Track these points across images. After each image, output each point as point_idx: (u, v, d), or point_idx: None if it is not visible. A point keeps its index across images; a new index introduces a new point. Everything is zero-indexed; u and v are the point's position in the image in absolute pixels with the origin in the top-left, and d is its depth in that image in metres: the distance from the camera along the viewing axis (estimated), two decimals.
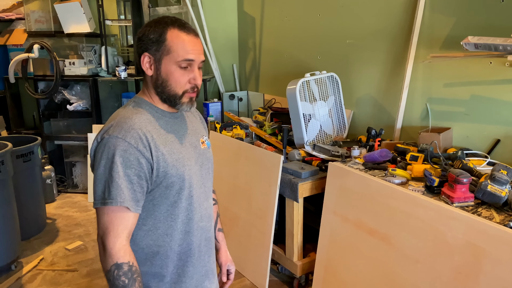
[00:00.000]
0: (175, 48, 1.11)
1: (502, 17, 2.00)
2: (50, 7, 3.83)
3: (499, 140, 2.10)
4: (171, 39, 1.11)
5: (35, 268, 2.77)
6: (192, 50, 1.12)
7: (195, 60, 1.13)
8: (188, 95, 1.16)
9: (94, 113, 3.91)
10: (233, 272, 1.45)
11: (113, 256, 1.03)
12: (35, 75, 3.92)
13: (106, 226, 1.04)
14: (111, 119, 1.12)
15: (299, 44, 3.32)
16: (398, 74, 2.56)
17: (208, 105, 3.61)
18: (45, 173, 3.75)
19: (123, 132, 1.07)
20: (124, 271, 1.03)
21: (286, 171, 2.33)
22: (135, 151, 1.06)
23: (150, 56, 1.13)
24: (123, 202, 1.04)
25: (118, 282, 1.02)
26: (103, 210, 1.05)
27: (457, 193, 1.62)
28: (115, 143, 1.05)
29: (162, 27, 1.12)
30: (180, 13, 3.77)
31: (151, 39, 1.12)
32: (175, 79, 1.13)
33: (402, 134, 2.56)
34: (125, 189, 1.04)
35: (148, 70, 1.15)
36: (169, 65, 1.12)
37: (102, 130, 1.11)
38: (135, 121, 1.10)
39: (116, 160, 1.04)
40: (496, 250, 1.40)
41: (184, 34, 1.12)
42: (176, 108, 1.18)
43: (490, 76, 2.10)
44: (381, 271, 1.82)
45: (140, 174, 1.07)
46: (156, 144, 1.10)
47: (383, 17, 2.61)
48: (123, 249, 1.04)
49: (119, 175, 1.04)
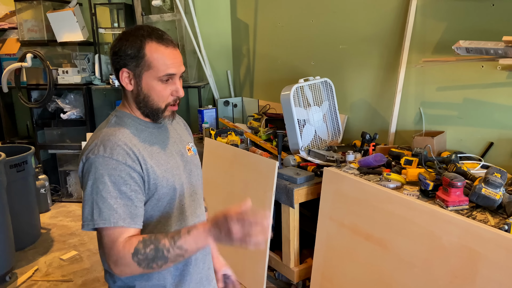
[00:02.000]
0: (155, 64, 1.08)
1: (493, 21, 2.02)
2: (43, 16, 3.82)
3: (492, 143, 2.11)
4: (150, 54, 1.08)
5: (30, 279, 2.74)
6: (173, 64, 1.10)
7: (176, 73, 1.11)
8: (171, 109, 1.15)
9: (88, 121, 3.89)
10: (231, 274, 1.42)
11: (126, 253, 0.99)
12: (28, 84, 3.91)
13: (110, 247, 1.01)
14: (94, 137, 1.09)
15: (292, 50, 3.34)
16: (391, 79, 2.57)
17: (202, 112, 3.61)
18: (39, 183, 3.72)
19: (109, 150, 1.04)
20: (141, 250, 0.99)
21: (281, 177, 2.32)
22: (125, 167, 1.04)
23: (129, 71, 1.10)
24: (117, 222, 1.01)
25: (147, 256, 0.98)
26: (102, 232, 1.02)
27: (452, 197, 1.63)
28: (102, 163, 1.03)
29: (139, 41, 1.08)
30: (173, 20, 3.78)
31: (129, 54, 1.08)
32: (157, 94, 1.11)
33: (396, 138, 2.57)
34: (121, 207, 1.02)
35: (128, 86, 1.12)
36: (150, 80, 1.10)
37: (86, 149, 1.08)
38: (119, 137, 1.07)
39: (106, 180, 1.02)
40: (491, 253, 1.40)
41: (163, 47, 1.09)
42: (158, 122, 1.16)
43: (482, 79, 2.11)
44: (377, 276, 1.81)
45: (136, 189, 1.05)
46: (144, 157, 1.08)
47: (375, 22, 2.63)
48: (128, 242, 1.00)
49: (111, 195, 1.01)
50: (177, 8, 3.61)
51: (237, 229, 0.93)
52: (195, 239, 0.98)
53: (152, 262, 0.99)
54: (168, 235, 1.00)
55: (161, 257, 0.99)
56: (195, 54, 3.83)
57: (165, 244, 0.99)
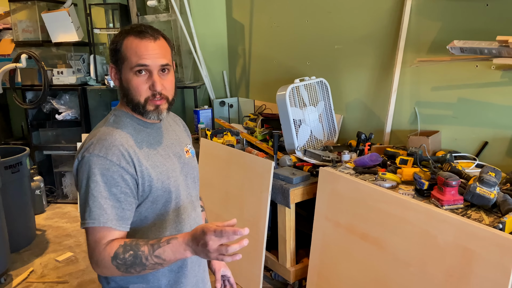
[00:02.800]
0: (128, 55, 1.08)
1: (487, 21, 2.03)
2: (38, 16, 3.81)
3: (487, 142, 2.12)
4: (125, 47, 1.09)
5: (25, 280, 2.73)
6: (146, 55, 1.07)
7: (150, 64, 1.08)
8: (152, 103, 1.11)
9: (83, 122, 3.88)
10: (230, 276, 1.42)
11: (105, 256, 0.99)
12: (23, 85, 3.89)
13: (93, 247, 1.01)
14: (92, 136, 1.09)
15: (288, 50, 3.34)
16: (386, 79, 2.58)
17: (198, 112, 3.60)
18: (34, 184, 3.71)
19: (104, 149, 1.04)
20: (121, 255, 0.99)
21: (277, 177, 2.32)
22: (118, 169, 1.03)
23: (113, 67, 1.13)
24: (106, 223, 1.00)
25: (126, 262, 0.98)
26: (88, 231, 1.02)
27: (447, 196, 1.64)
28: (96, 162, 1.02)
29: (121, 37, 1.10)
30: (169, 20, 3.77)
31: (111, 50, 1.12)
32: (133, 87, 1.09)
33: (392, 138, 2.57)
34: (110, 208, 1.02)
35: (115, 81, 1.14)
36: (127, 73, 1.10)
37: (82, 147, 1.07)
38: (116, 137, 1.07)
39: (98, 179, 1.01)
40: (486, 252, 1.41)
41: (138, 40, 1.08)
42: (145, 117, 1.14)
43: (477, 79, 2.12)
44: (373, 275, 1.82)
45: (126, 191, 1.05)
46: (139, 159, 1.08)
47: (370, 22, 2.63)
48: (109, 246, 1.00)
49: (102, 195, 1.01)
50: (173, 8, 3.61)
51: (212, 242, 0.92)
52: (174, 250, 0.98)
53: (130, 267, 0.99)
54: (148, 242, 1.00)
55: (139, 264, 0.99)
56: (190, 54, 3.82)
57: (144, 251, 0.99)
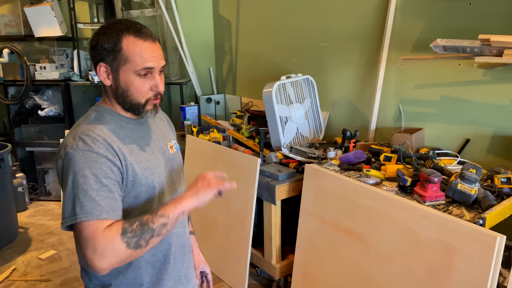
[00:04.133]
0: (132, 57, 1.06)
1: (470, 20, 2.07)
2: (20, 10, 3.73)
3: (468, 139, 2.16)
4: (127, 47, 1.06)
5: (7, 279, 2.68)
6: (151, 57, 1.07)
7: (155, 67, 1.09)
8: (152, 103, 1.12)
9: (67, 118, 3.82)
10: (208, 273, 1.44)
11: (111, 237, 0.95)
12: (4, 80, 3.81)
13: (92, 239, 0.95)
14: (73, 133, 1.07)
15: (275, 47, 3.34)
16: (372, 77, 2.60)
17: (184, 109, 3.58)
18: (16, 181, 3.64)
19: (89, 143, 1.02)
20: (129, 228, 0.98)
21: (263, 174, 2.33)
22: (106, 160, 1.02)
23: (106, 66, 1.09)
24: (100, 215, 0.97)
25: (135, 233, 0.98)
26: (81, 226, 0.97)
27: (429, 192, 1.66)
28: (82, 157, 1.00)
29: (116, 35, 1.06)
30: (154, 16, 3.74)
31: (105, 48, 1.07)
32: (135, 89, 1.09)
33: (376, 135, 2.60)
34: (103, 200, 0.99)
35: (106, 80, 1.10)
36: (128, 74, 1.08)
37: (64, 145, 1.05)
38: (98, 132, 1.05)
39: (87, 173, 0.99)
40: (466, 247, 1.43)
41: (141, 41, 1.07)
42: (140, 116, 1.14)
43: (459, 77, 2.16)
44: (358, 271, 1.84)
45: (116, 182, 1.03)
46: (124, 154, 1.07)
47: (356, 20, 2.65)
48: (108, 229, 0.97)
49: (93, 188, 0.98)
50: (158, 3, 3.57)
51: (209, 174, 1.09)
52: (175, 203, 1.04)
53: (141, 238, 0.98)
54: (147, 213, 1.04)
55: (148, 230, 0.99)
56: (176, 50, 3.79)
57: (148, 218, 1.01)
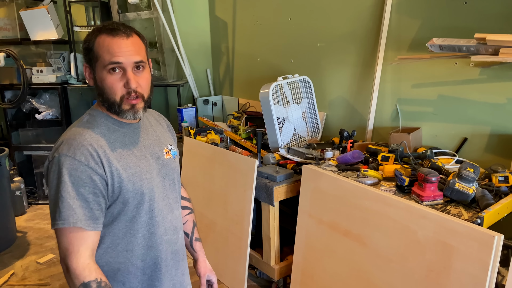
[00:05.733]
0: (101, 53, 1.07)
1: (466, 19, 2.06)
2: (16, 14, 3.72)
3: (466, 138, 2.16)
4: (97, 45, 1.08)
5: (6, 283, 2.67)
6: (119, 52, 1.06)
7: (124, 62, 1.06)
8: (128, 102, 1.09)
9: (64, 121, 3.82)
10: (215, 282, 1.41)
11: (78, 276, 1.00)
12: (1, 84, 3.80)
13: (66, 248, 1.01)
14: (64, 136, 1.09)
15: (271, 48, 3.34)
16: (368, 76, 2.60)
17: (182, 111, 3.57)
18: (14, 185, 3.63)
19: (72, 149, 1.03)
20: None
21: (261, 175, 2.32)
22: (86, 169, 1.02)
23: (87, 66, 1.12)
24: (76, 223, 1.00)
25: None
26: (60, 232, 1.01)
27: (427, 192, 1.66)
28: (64, 162, 1.02)
29: (93, 35, 1.10)
30: (150, 18, 3.73)
31: (84, 49, 1.11)
32: (108, 86, 1.08)
33: (374, 135, 2.60)
34: (78, 208, 1.01)
35: (89, 80, 1.13)
36: (100, 71, 1.08)
37: (55, 147, 1.07)
38: (86, 137, 1.06)
39: (66, 179, 1.00)
40: (465, 246, 1.43)
41: (110, 38, 1.07)
42: (121, 117, 1.13)
43: (456, 76, 2.16)
44: (356, 271, 1.84)
45: (95, 191, 1.04)
46: (109, 160, 1.06)
47: (352, 20, 2.65)
48: (87, 267, 1.01)
49: (70, 195, 1.00)
50: (154, 5, 3.56)
51: None
52: None
53: None
54: None
55: None
56: (173, 52, 3.79)
57: None
